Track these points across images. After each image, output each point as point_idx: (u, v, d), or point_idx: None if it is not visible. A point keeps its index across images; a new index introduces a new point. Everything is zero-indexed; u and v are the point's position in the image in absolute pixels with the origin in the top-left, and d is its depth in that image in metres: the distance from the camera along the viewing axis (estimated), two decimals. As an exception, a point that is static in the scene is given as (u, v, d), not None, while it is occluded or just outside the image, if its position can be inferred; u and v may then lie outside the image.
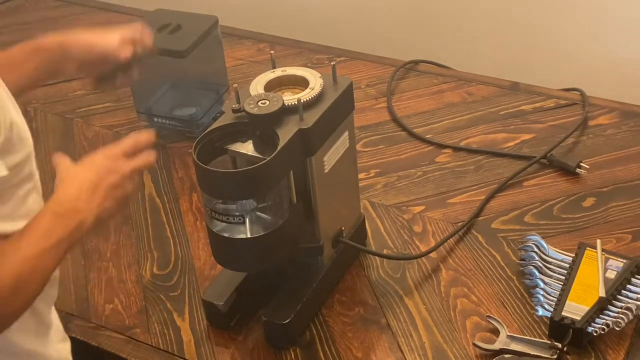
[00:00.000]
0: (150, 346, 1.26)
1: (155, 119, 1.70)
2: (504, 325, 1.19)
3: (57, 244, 0.99)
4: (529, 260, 1.28)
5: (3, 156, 0.96)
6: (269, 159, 1.08)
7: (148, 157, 1.11)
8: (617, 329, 1.16)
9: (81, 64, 1.28)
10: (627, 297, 1.20)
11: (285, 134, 1.12)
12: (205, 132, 1.14)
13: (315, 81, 1.19)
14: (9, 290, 0.95)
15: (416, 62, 1.85)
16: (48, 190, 1.05)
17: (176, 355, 1.24)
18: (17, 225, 1.00)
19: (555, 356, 1.14)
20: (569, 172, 1.49)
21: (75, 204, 1.03)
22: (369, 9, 2.12)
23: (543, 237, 1.31)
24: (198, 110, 1.69)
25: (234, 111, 1.15)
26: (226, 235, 1.15)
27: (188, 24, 1.66)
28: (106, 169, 1.07)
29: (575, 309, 1.17)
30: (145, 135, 1.12)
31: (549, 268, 1.26)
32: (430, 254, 1.34)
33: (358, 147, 1.56)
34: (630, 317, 1.16)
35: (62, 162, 1.09)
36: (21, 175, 1.02)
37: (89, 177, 1.05)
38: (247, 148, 1.14)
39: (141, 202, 1.53)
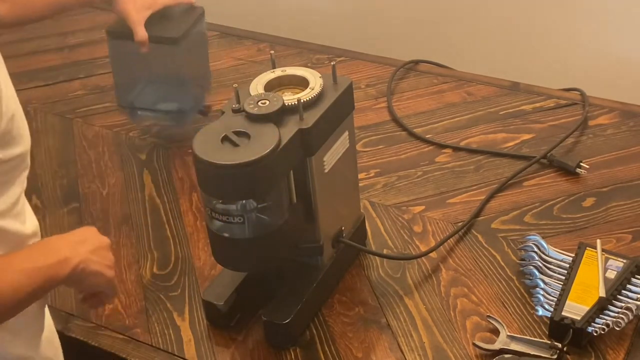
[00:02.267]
0: (150, 346, 1.26)
1: (139, 112, 1.68)
2: (504, 325, 1.19)
3: (33, 270, 0.97)
4: (529, 260, 1.28)
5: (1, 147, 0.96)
6: (268, 151, 1.08)
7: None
8: (617, 329, 1.16)
9: None
10: (627, 297, 1.20)
11: (285, 134, 1.12)
12: (206, 126, 1.15)
13: (315, 81, 1.19)
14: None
15: (416, 62, 1.85)
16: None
17: (176, 355, 1.24)
18: (6, 223, 1.00)
19: (555, 356, 1.14)
20: (569, 172, 1.49)
21: (58, 245, 1.03)
22: (369, 9, 2.12)
23: (543, 237, 1.31)
24: (182, 104, 1.67)
25: (234, 111, 1.15)
26: (226, 235, 1.15)
27: (174, 14, 1.60)
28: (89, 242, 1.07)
29: (575, 309, 1.17)
30: None
31: (549, 268, 1.26)
32: (430, 254, 1.34)
33: (358, 147, 1.56)
34: (630, 317, 1.16)
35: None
36: (16, 172, 1.01)
37: (74, 237, 1.06)
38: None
39: (141, 202, 1.53)
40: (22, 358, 1.08)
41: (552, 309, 1.19)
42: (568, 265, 1.25)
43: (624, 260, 1.24)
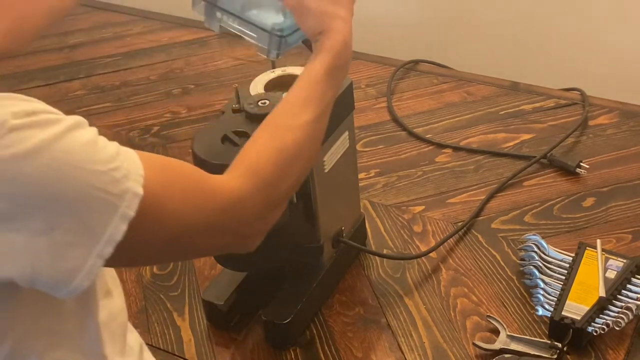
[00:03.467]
0: (150, 346, 1.26)
1: (219, 15, 1.09)
2: (504, 325, 1.19)
3: (329, 103, 0.92)
4: (529, 260, 1.28)
5: None
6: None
7: None
8: (617, 328, 1.16)
9: None
10: (627, 297, 1.20)
11: (285, 134, 1.11)
12: (206, 126, 1.15)
13: (315, 81, 1.19)
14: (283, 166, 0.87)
15: (416, 62, 1.85)
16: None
17: (176, 355, 1.24)
18: None
19: (555, 356, 1.14)
20: (569, 172, 1.49)
21: (347, 53, 0.94)
22: (369, 9, 2.12)
23: (543, 237, 1.31)
24: (286, 21, 1.08)
25: (234, 111, 1.15)
26: (226, 235, 1.15)
27: None
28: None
29: (575, 309, 1.17)
30: None
31: (549, 268, 1.26)
32: (430, 254, 1.34)
33: (358, 147, 1.56)
34: (630, 317, 1.16)
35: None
36: None
37: (343, 14, 0.96)
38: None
39: (141, 202, 1.53)
40: None
41: (552, 309, 1.19)
42: (568, 265, 1.25)
43: (624, 260, 1.24)
